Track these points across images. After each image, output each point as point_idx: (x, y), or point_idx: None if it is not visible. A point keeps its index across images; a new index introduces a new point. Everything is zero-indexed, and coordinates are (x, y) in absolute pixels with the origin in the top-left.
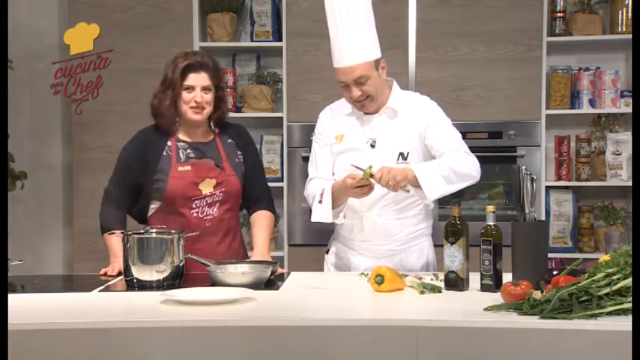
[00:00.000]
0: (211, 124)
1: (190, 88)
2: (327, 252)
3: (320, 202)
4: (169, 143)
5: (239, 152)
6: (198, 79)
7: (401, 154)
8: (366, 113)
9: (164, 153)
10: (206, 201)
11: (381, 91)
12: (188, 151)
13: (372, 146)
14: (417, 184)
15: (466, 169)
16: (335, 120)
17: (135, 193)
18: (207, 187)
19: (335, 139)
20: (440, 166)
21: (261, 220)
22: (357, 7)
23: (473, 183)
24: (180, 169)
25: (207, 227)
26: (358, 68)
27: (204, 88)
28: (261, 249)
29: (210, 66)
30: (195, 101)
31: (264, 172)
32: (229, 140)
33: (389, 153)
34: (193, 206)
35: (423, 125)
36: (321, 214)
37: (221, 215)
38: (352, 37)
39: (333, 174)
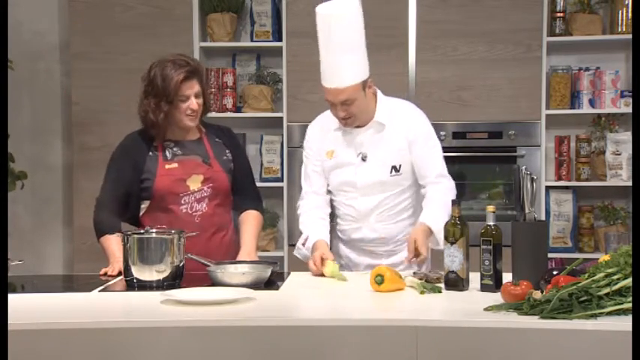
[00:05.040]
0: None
1: (185, 97)
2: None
3: (303, 244)
4: (155, 143)
5: (227, 151)
6: (192, 88)
7: (393, 167)
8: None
9: (150, 153)
10: (194, 197)
11: (365, 110)
12: (175, 149)
13: (364, 160)
14: (431, 234)
15: (451, 197)
16: (324, 135)
17: (127, 197)
18: (194, 183)
19: (325, 155)
20: (445, 208)
21: (248, 220)
22: (351, 27)
23: None
24: (167, 166)
25: (197, 223)
26: (345, 91)
27: (196, 94)
28: (247, 249)
29: (199, 71)
30: (191, 109)
31: (253, 172)
32: (217, 139)
33: (381, 166)
34: (182, 202)
35: (408, 140)
36: (303, 254)
37: (211, 211)
38: (343, 60)
39: (328, 185)
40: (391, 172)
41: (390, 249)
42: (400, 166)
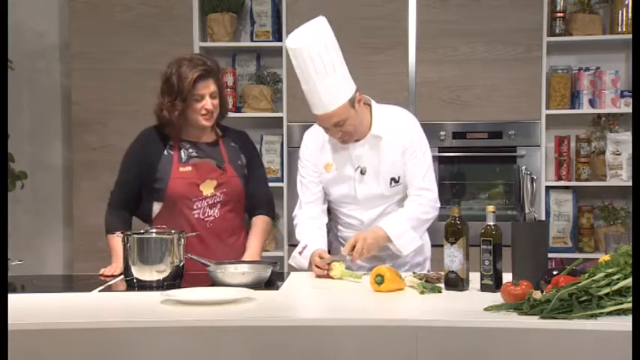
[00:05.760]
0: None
1: (200, 97)
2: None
3: (300, 253)
4: (172, 143)
5: (242, 156)
6: (207, 87)
7: (393, 179)
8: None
9: (165, 152)
10: (207, 202)
11: (360, 125)
12: (190, 150)
13: (362, 173)
14: (390, 240)
15: (429, 214)
16: (321, 147)
17: (138, 195)
18: (207, 189)
19: (324, 168)
20: (409, 219)
21: (258, 224)
22: (323, 53)
23: None
24: (181, 169)
25: (209, 228)
26: (334, 114)
27: (212, 95)
28: (250, 251)
29: (215, 70)
30: (206, 109)
31: (267, 178)
32: (232, 144)
33: (381, 180)
34: (194, 207)
35: (402, 149)
36: (299, 263)
37: (223, 216)
38: (322, 86)
39: (328, 196)
40: (391, 184)
41: (392, 252)
42: (399, 177)
